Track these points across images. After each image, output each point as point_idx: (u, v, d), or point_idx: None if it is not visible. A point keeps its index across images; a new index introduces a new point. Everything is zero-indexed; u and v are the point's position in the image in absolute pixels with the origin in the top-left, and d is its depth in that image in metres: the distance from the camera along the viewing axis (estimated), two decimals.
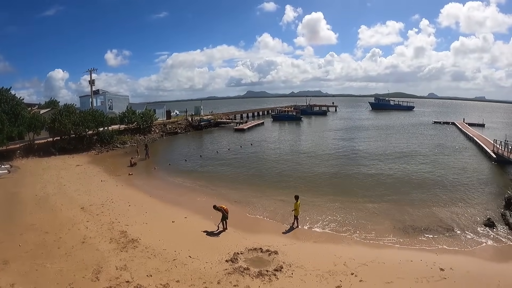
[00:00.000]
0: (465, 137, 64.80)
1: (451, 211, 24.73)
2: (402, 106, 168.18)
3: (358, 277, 15.65)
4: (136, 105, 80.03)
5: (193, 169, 42.21)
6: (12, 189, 30.98)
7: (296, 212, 22.94)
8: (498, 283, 14.69)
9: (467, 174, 36.17)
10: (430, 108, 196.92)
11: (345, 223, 23.14)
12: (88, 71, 74.11)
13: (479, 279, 15.09)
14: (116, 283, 15.03)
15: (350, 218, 24.03)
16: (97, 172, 39.09)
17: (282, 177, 37.24)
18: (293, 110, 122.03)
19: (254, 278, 15.62)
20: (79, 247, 19.00)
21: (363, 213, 24.87)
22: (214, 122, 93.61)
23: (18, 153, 45.63)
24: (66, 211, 25.47)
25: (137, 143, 61.77)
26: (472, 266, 16.46)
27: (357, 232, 21.55)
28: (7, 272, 15.98)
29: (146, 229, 21.74)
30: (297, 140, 68.85)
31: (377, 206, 26.25)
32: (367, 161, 44.86)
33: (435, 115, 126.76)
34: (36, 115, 51.54)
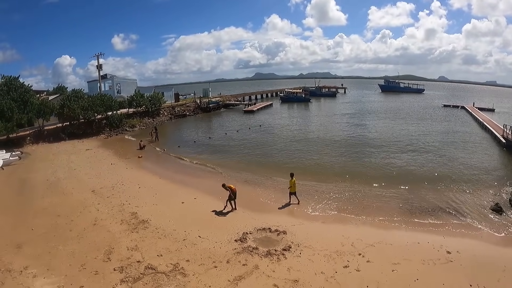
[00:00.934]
0: (475, 121, 63.47)
1: (459, 195, 24.46)
2: (412, 89, 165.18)
3: (365, 257, 15.66)
4: (144, 89, 79.67)
5: (202, 151, 42.34)
6: (23, 175, 31.24)
7: (292, 189, 23.38)
8: (504, 267, 14.55)
9: (476, 158, 35.63)
10: (440, 91, 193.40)
11: (353, 205, 23.08)
12: (95, 56, 73.95)
13: (485, 263, 14.96)
14: (128, 263, 15.21)
15: (358, 200, 23.96)
16: (107, 156, 39.32)
17: (291, 158, 37.22)
18: (302, 91, 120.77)
19: (263, 258, 15.71)
20: (91, 229, 19.23)
21: (371, 195, 24.76)
22: (222, 104, 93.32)
23: (28, 139, 45.86)
24: (77, 194, 25.69)
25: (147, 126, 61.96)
26: (478, 250, 16.34)
27: (364, 214, 21.46)
28: (21, 255, 16.20)
29: (156, 210, 21.92)
30: (305, 122, 68.63)
31: (385, 189, 26.09)
32: (376, 144, 44.47)
33: (445, 98, 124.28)
34: (45, 102, 51.69)
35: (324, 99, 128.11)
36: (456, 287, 13.25)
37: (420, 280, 13.68)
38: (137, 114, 66.37)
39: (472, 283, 13.36)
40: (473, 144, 43.28)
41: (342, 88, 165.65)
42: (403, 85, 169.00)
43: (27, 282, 13.89)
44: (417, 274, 14.16)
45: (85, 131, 53.03)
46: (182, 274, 14.23)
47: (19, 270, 14.72)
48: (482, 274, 14.08)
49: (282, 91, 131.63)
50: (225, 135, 52.70)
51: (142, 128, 61.21)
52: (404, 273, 14.25)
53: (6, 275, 14.38)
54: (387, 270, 14.51)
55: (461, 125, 60.51)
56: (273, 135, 52.36)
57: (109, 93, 71.19)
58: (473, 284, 13.30)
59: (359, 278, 13.93)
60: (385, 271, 14.46)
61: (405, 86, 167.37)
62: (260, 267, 14.85)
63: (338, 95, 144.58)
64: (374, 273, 14.31)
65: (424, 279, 13.75)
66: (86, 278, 14.05)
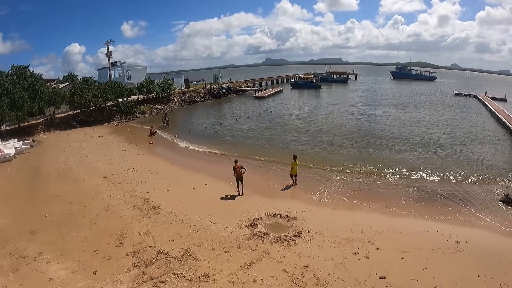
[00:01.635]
0: (487, 110, 62.10)
1: (469, 185, 24.25)
2: (424, 76, 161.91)
3: (374, 245, 15.70)
4: (154, 75, 79.66)
5: (213, 137, 42.48)
6: (35, 163, 31.59)
7: (293, 171, 24.01)
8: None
9: (487, 149, 35.01)
10: (453, 79, 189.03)
11: (363, 192, 23.08)
12: (105, 43, 73.79)
13: (493, 254, 14.86)
14: (140, 248, 15.43)
15: (368, 187, 23.97)
16: (118, 142, 39.55)
17: (302, 144, 37.15)
18: (312, 77, 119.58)
19: (273, 243, 15.84)
20: (103, 215, 19.51)
21: (382, 183, 24.74)
22: (233, 90, 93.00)
23: (39, 127, 46.36)
24: (89, 181, 25.99)
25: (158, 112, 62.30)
26: (487, 241, 16.24)
27: (375, 201, 21.42)
28: (35, 242, 16.50)
29: (168, 196, 22.13)
30: (316, 108, 67.87)
31: (395, 177, 26.02)
32: (387, 131, 44.16)
33: (457, 86, 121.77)
34: (56, 90, 51.87)
35: (336, 85, 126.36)
36: (464, 277, 13.25)
37: (428, 269, 13.70)
38: (147, 100, 66.54)
39: (480, 274, 13.34)
40: (484, 134, 42.49)
41: (353, 75, 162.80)
42: (415, 72, 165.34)
43: (41, 267, 14.15)
44: (425, 262, 14.19)
45: (96, 118, 53.49)
46: (193, 259, 14.41)
47: (33, 256, 15.00)
48: (490, 265, 14.05)
49: (293, 77, 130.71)
50: (235, 121, 52.67)
51: (152, 114, 61.45)
52: (413, 261, 14.29)
53: (21, 261, 14.66)
54: (396, 258, 14.56)
55: (473, 115, 59.28)
56: (284, 122, 52.27)
57: (119, 80, 71.29)
58: (480, 275, 13.28)
59: (368, 265, 14.01)
60: (394, 258, 14.52)
61: (417, 74, 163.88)
62: (270, 252, 15.00)
63: (349, 82, 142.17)
64: (383, 260, 14.37)
65: (433, 268, 13.77)
66: (99, 263, 14.28)
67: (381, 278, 13.12)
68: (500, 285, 12.76)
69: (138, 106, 62.05)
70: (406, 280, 12.97)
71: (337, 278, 13.09)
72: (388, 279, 13.04)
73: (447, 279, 13.06)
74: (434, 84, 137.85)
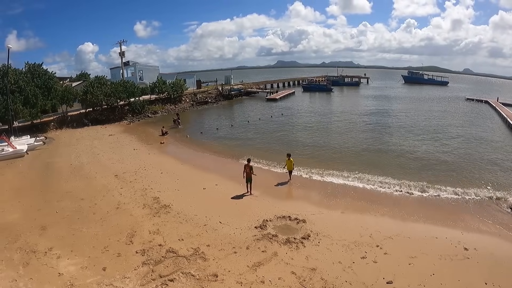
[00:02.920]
0: (499, 116, 61.11)
1: (478, 191, 23.90)
2: (436, 81, 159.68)
3: (383, 249, 15.67)
4: (166, 75, 79.98)
5: (224, 138, 42.60)
6: (47, 159, 31.96)
7: (288, 167, 25.39)
8: None
9: (498, 155, 34.50)
10: (465, 84, 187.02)
11: (373, 196, 23.06)
12: (118, 43, 74.82)
13: (502, 262, 14.76)
14: (149, 246, 15.56)
15: (377, 191, 23.99)
16: (130, 141, 39.84)
17: (313, 147, 37.16)
18: (324, 80, 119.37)
19: (282, 245, 15.87)
20: (114, 213, 19.69)
21: (392, 187, 24.62)
22: (244, 91, 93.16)
23: (52, 125, 46.91)
24: (101, 178, 26.22)
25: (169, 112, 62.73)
26: (496, 249, 16.07)
27: (384, 205, 21.40)
28: (46, 237, 16.71)
29: (178, 196, 22.27)
30: (328, 111, 67.58)
31: (405, 181, 25.69)
32: (398, 135, 44.12)
33: (470, 91, 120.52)
34: (68, 88, 52.49)
35: (347, 88, 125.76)
36: (471, 285, 13.18)
37: (436, 275, 13.66)
38: (159, 100, 66.88)
39: (487, 282, 13.26)
40: (495, 140, 42.04)
41: (365, 78, 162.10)
42: (427, 76, 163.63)
43: (51, 262, 14.32)
44: (433, 268, 14.15)
45: (108, 117, 54.01)
46: (202, 259, 14.50)
47: (44, 251, 15.20)
48: (498, 273, 13.95)
49: (304, 79, 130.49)
50: (247, 123, 52.61)
51: (164, 114, 61.88)
52: (421, 267, 14.25)
53: (31, 256, 14.85)
54: (404, 263, 14.53)
55: (484, 120, 58.68)
56: (296, 124, 52.16)
57: (132, 79, 71.86)
58: (488, 283, 13.21)
59: (376, 270, 14.00)
60: (402, 264, 14.49)
61: (429, 78, 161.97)
62: (279, 254, 15.04)
63: (361, 85, 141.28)
64: (391, 265, 14.35)
65: (440, 274, 13.72)
66: (108, 260, 14.43)
67: (388, 283, 13.11)
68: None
69: (149, 106, 62.47)
70: (414, 286, 12.93)
71: (345, 282, 13.10)
72: (396, 284, 13.03)
73: (455, 286, 13.02)
74: (446, 89, 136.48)
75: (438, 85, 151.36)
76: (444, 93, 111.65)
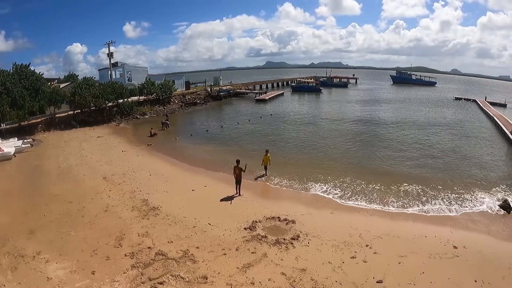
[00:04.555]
0: (486, 115, 62.62)
1: (466, 190, 24.28)
2: (424, 81, 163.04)
3: (372, 249, 15.83)
4: (155, 76, 79.51)
5: (214, 140, 42.38)
6: (35, 162, 31.60)
7: (264, 163, 27.01)
8: (509, 265, 14.61)
9: (484, 154, 35.26)
10: (453, 85, 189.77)
11: (362, 195, 23.25)
12: (106, 44, 73.94)
13: (491, 260, 15.01)
14: (138, 249, 15.49)
15: (367, 190, 24.09)
16: (118, 143, 39.57)
17: (302, 148, 37.36)
18: (313, 81, 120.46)
19: (272, 246, 15.95)
20: (102, 216, 19.56)
21: (380, 186, 24.80)
22: (233, 92, 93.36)
23: (40, 127, 46.37)
24: (89, 181, 26.01)
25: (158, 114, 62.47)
26: (484, 247, 16.34)
27: (373, 205, 21.70)
28: (34, 241, 16.53)
29: (167, 198, 22.19)
30: (317, 111, 68.13)
31: (393, 181, 26.05)
32: (385, 135, 44.61)
33: (458, 92, 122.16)
34: (56, 89, 51.97)
35: (336, 89, 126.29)
36: (461, 282, 13.35)
37: (425, 274, 13.82)
38: (147, 101, 66.52)
39: (477, 279, 13.46)
40: (482, 139, 42.75)
41: (354, 79, 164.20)
42: (415, 77, 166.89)
43: (39, 267, 14.20)
44: (423, 267, 14.31)
45: (96, 118, 53.49)
46: (191, 261, 14.48)
47: (32, 255, 15.05)
48: (487, 270, 14.17)
49: (294, 80, 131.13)
50: (237, 124, 52.60)
51: (153, 115, 61.48)
52: (410, 266, 14.40)
53: (19, 260, 14.70)
54: (393, 263, 14.66)
55: (472, 119, 59.75)
56: (285, 125, 52.32)
57: (120, 80, 71.32)
58: (478, 280, 13.40)
59: (365, 269, 14.11)
60: (392, 263, 14.62)
61: (417, 78, 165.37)
62: (268, 255, 15.08)
63: (349, 86, 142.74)
64: (381, 264, 14.47)
65: (430, 273, 13.88)
66: (97, 263, 14.35)
67: (378, 282, 13.21)
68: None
69: (138, 107, 62.13)
70: (403, 285, 13.06)
71: (335, 282, 13.17)
72: (386, 283, 13.14)
73: (444, 284, 13.17)
74: (434, 89, 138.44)
75: (426, 86, 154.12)
76: (433, 93, 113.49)
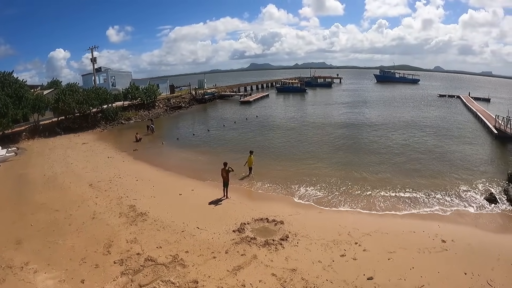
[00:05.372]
0: (469, 111, 63.66)
1: (452, 185, 24.71)
2: (407, 79, 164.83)
3: (361, 246, 15.96)
4: (139, 81, 79.21)
5: (201, 143, 42.41)
6: (20, 171, 31.18)
7: (248, 164, 27.50)
8: (498, 256, 14.83)
9: (469, 148, 36.04)
10: (436, 82, 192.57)
11: (350, 194, 23.47)
12: (89, 49, 73.33)
13: (479, 252, 15.26)
14: (127, 255, 15.36)
15: (355, 188, 24.33)
16: (103, 149, 39.27)
17: (288, 148, 37.56)
18: (297, 82, 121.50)
19: (261, 247, 15.96)
20: (90, 223, 19.35)
21: (368, 184, 25.10)
22: (218, 95, 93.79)
23: (24, 135, 45.78)
24: (75, 188, 25.76)
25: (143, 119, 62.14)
26: (473, 239, 16.57)
27: (361, 202, 21.91)
28: (21, 251, 16.28)
29: (154, 203, 22.08)
30: (302, 112, 68.75)
31: (380, 178, 26.53)
32: (370, 133, 45.30)
33: (441, 89, 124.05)
34: (40, 96, 51.34)
35: (320, 89, 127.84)
36: (451, 275, 13.51)
37: (415, 268, 13.94)
38: (132, 106, 66.18)
39: (466, 271, 13.63)
40: (467, 134, 43.55)
41: (338, 78, 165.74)
42: (398, 75, 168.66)
43: (28, 277, 13.99)
44: (412, 262, 14.44)
45: (81, 125, 52.91)
46: (181, 265, 14.42)
47: (20, 266, 14.81)
48: (477, 262, 14.36)
49: (278, 81, 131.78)
50: (223, 127, 52.67)
51: (137, 120, 61.15)
52: (400, 262, 14.53)
53: (7, 272, 14.46)
54: (383, 259, 14.79)
55: (455, 115, 60.72)
56: (270, 126, 52.63)
57: (104, 86, 70.53)
58: (467, 272, 13.57)
59: (355, 267, 14.19)
60: (381, 259, 14.74)
61: (401, 76, 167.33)
62: (258, 257, 15.08)
63: (333, 85, 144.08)
64: (371, 261, 14.58)
65: (420, 268, 14.00)
66: (86, 272, 14.19)
67: (369, 279, 13.30)
68: (487, 281, 13.04)
69: (123, 113, 61.71)
70: (394, 280, 13.16)
71: (325, 281, 13.21)
72: (376, 279, 13.23)
73: (435, 278, 13.31)
74: (417, 87, 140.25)
75: (409, 83, 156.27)
76: (417, 91, 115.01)
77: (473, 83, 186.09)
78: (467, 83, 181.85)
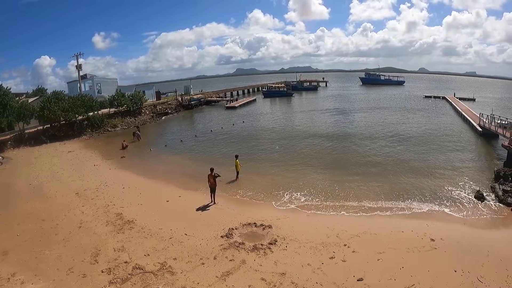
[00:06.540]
0: (455, 111, 64.60)
1: (440, 183, 25.06)
2: (392, 81, 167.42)
3: (350, 248, 16.02)
4: (125, 88, 78.91)
5: (188, 149, 42.29)
6: (5, 180, 30.79)
7: (236, 168, 27.94)
8: (487, 253, 15.00)
9: (456, 147, 36.71)
10: (421, 83, 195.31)
11: (338, 196, 23.62)
12: (74, 56, 72.75)
13: (469, 250, 15.40)
14: (115, 264, 15.21)
15: (342, 191, 24.44)
16: (90, 157, 38.92)
17: (275, 153, 37.60)
18: (283, 86, 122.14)
19: (250, 252, 15.94)
20: (76, 232, 19.13)
21: (355, 186, 25.28)
22: (204, 101, 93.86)
23: (9, 144, 45.17)
24: (61, 197, 25.48)
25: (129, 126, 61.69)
26: (462, 237, 16.75)
27: (349, 204, 22.03)
28: (8, 262, 16.04)
29: (141, 210, 21.95)
30: (289, 116, 68.94)
31: (368, 180, 26.64)
32: (357, 135, 45.61)
33: (426, 90, 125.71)
34: (25, 104, 50.82)
35: (306, 92, 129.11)
36: (441, 273, 13.62)
37: (405, 268, 14.02)
38: (118, 113, 65.62)
39: (456, 269, 13.76)
40: (453, 134, 44.20)
41: (324, 82, 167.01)
42: (384, 77, 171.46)
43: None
44: (402, 262, 14.52)
45: (67, 133, 52.34)
46: (170, 273, 14.32)
47: (7, 278, 14.59)
48: (466, 259, 14.50)
49: (265, 86, 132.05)
50: (210, 132, 52.61)
51: (124, 127, 60.69)
52: (390, 262, 14.60)
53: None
54: (372, 260, 14.84)
55: (442, 116, 61.63)
56: (257, 131, 52.77)
57: (90, 93, 70.15)
58: (457, 270, 13.70)
59: (345, 268, 14.22)
60: (371, 260, 14.79)
61: (386, 79, 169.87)
62: (247, 261, 15.04)
63: (319, 89, 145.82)
64: (360, 262, 14.63)
65: (409, 267, 14.09)
66: (74, 282, 14.04)
67: (359, 280, 13.35)
68: (477, 278, 13.17)
69: (109, 120, 61.17)
70: (384, 280, 13.22)
71: (315, 283, 13.22)
72: (366, 280, 13.28)
73: (425, 277, 13.40)
74: (402, 88, 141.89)
75: (395, 85, 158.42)
76: (402, 93, 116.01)
77: (458, 84, 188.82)
78: (452, 84, 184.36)
